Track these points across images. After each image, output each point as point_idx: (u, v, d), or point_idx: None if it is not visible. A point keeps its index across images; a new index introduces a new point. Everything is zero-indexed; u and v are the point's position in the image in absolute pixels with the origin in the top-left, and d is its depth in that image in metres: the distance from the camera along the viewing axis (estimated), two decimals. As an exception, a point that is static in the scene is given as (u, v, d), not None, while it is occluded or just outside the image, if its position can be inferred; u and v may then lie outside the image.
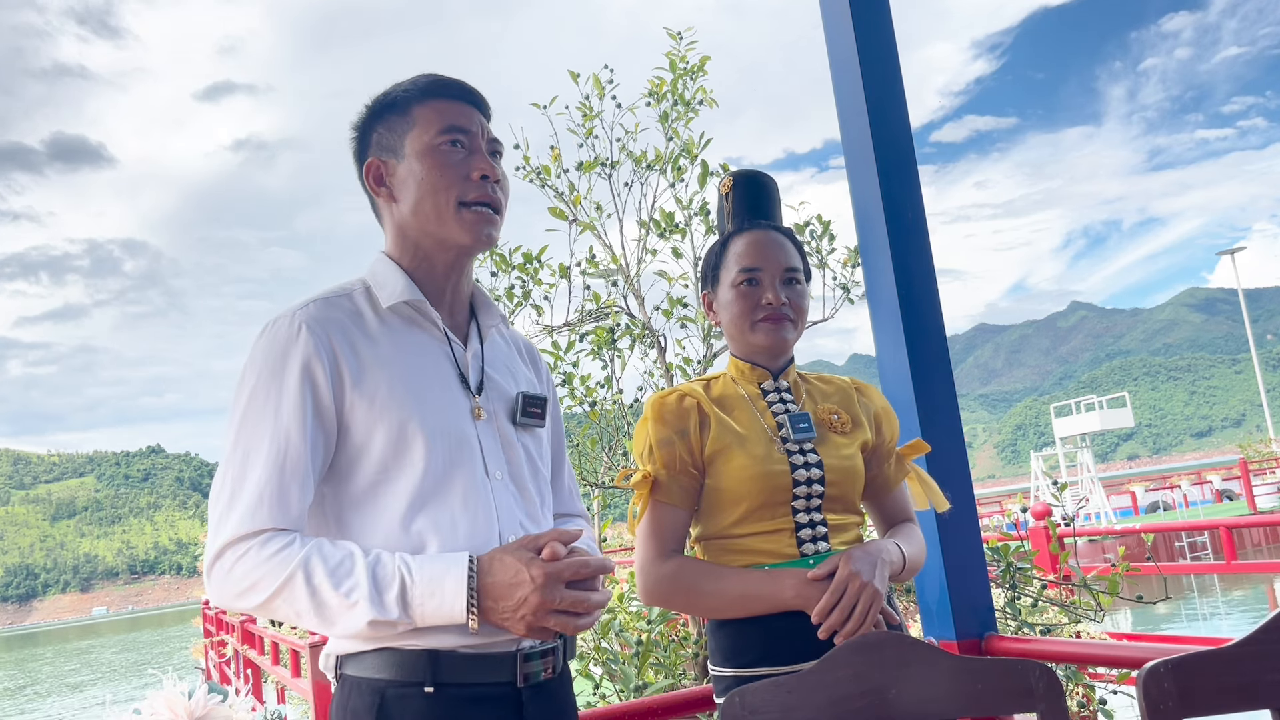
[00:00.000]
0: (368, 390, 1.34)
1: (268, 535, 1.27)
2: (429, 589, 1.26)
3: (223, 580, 1.27)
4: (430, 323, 1.44)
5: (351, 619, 1.24)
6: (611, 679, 3.64)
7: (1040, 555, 5.32)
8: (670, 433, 1.75)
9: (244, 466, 1.29)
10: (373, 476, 1.34)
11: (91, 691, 27.55)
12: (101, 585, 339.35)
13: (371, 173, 1.45)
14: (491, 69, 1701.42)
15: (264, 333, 1.36)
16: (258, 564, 1.25)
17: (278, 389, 1.31)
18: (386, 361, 1.37)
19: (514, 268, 4.13)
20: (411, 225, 1.43)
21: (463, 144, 1.42)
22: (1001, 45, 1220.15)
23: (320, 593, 1.24)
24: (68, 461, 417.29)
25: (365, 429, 1.34)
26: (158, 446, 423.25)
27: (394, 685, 1.30)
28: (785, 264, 1.80)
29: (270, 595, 1.25)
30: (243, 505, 1.27)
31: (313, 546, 1.27)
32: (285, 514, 1.28)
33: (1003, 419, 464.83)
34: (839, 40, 2.51)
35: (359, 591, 1.24)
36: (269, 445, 1.29)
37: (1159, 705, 1.25)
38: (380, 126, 1.45)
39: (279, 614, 1.27)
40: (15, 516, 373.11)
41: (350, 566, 1.26)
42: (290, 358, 1.32)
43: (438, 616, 1.26)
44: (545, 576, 1.27)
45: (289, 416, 1.30)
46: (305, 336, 1.33)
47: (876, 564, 1.67)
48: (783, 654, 1.66)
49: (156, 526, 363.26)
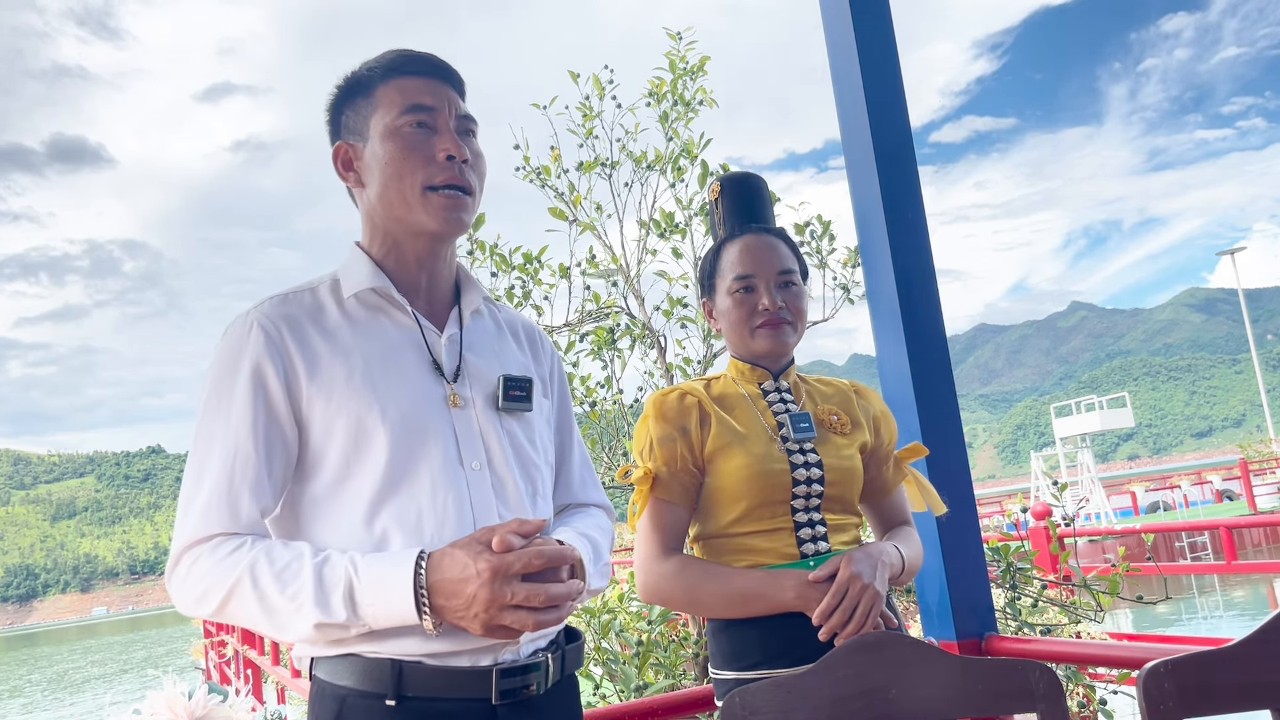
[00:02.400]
0: (324, 385, 1.30)
1: (218, 540, 1.24)
2: (375, 589, 1.19)
3: (180, 586, 1.25)
4: (398, 310, 1.38)
5: (298, 622, 1.19)
6: (611, 679, 3.63)
7: (1040, 555, 5.32)
8: (671, 430, 1.75)
9: (199, 472, 1.27)
10: (335, 473, 1.29)
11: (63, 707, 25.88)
12: (102, 585, 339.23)
13: (340, 157, 1.40)
14: (491, 69, 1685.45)
15: (223, 335, 1.33)
16: (209, 569, 1.22)
17: (229, 392, 1.29)
18: (345, 353, 1.32)
19: (514, 268, 4.13)
20: (379, 211, 1.38)
21: (428, 123, 1.35)
22: (1003, 45, 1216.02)
23: (267, 596, 1.19)
24: (68, 462, 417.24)
25: (324, 424, 1.29)
26: (158, 447, 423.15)
27: (355, 695, 1.24)
28: (779, 267, 1.80)
29: (222, 600, 1.21)
30: (196, 511, 1.25)
31: (261, 549, 1.22)
32: (235, 519, 1.25)
33: (1003, 419, 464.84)
34: (839, 40, 2.51)
35: (304, 594, 1.19)
36: (220, 450, 1.27)
37: (1159, 705, 1.25)
38: (348, 109, 1.39)
39: (236, 620, 1.23)
40: (15, 517, 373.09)
41: (297, 568, 1.20)
42: (242, 360, 1.29)
43: (389, 618, 1.19)
44: (492, 570, 1.17)
45: (239, 420, 1.27)
46: (256, 336, 1.30)
47: (877, 566, 1.67)
48: (783, 656, 1.66)
49: (156, 527, 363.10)
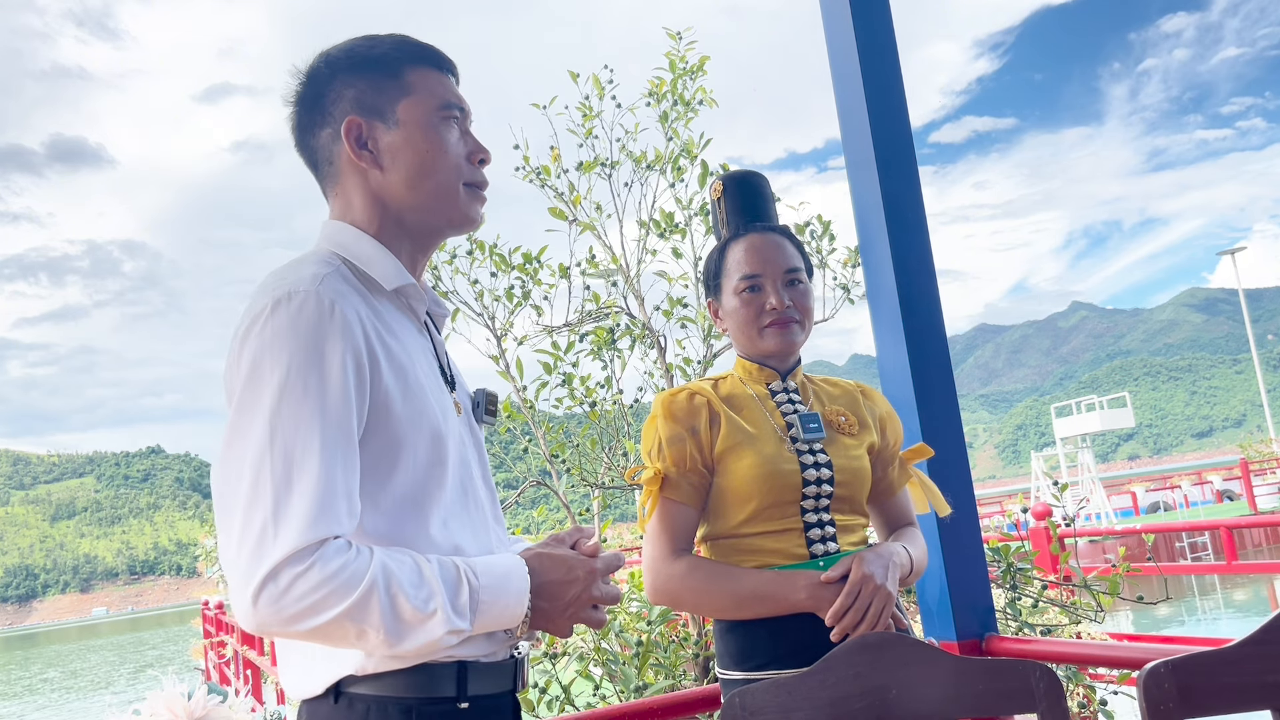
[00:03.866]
0: (398, 381, 1.21)
1: (330, 545, 1.09)
2: (494, 593, 1.18)
3: (274, 603, 1.07)
4: (413, 310, 1.34)
5: (425, 632, 1.12)
6: (611, 680, 3.63)
7: (1041, 556, 5.32)
8: (680, 430, 1.75)
9: (287, 469, 1.09)
10: (409, 478, 1.21)
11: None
12: (101, 586, 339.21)
13: (352, 132, 1.30)
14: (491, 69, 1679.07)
15: (278, 309, 1.15)
16: (323, 580, 1.07)
17: (319, 375, 1.12)
18: (404, 350, 1.25)
19: (514, 268, 4.13)
20: (402, 198, 1.30)
21: (458, 121, 1.34)
22: (1004, 44, 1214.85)
23: (397, 604, 1.10)
24: (67, 462, 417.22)
25: (403, 424, 1.20)
26: (157, 447, 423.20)
27: (425, 702, 1.19)
28: (786, 265, 1.80)
29: (338, 614, 1.08)
30: (297, 514, 1.08)
31: (380, 555, 1.12)
32: (348, 520, 1.12)
33: (1003, 419, 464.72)
34: (839, 40, 2.51)
35: (436, 599, 1.12)
36: (319, 442, 1.11)
37: (1159, 705, 1.25)
38: (359, 82, 1.31)
39: (335, 636, 1.10)
40: (15, 517, 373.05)
41: (421, 574, 1.14)
42: (327, 340, 1.14)
43: (497, 621, 1.19)
44: (591, 572, 1.24)
45: (336, 409, 1.13)
46: (339, 316, 1.15)
47: (889, 566, 1.67)
48: (792, 656, 1.65)
49: (156, 527, 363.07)
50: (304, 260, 1.24)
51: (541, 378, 4.08)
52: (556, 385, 4.10)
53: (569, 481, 4.15)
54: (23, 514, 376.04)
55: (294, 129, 1.36)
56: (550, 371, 4.08)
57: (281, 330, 1.13)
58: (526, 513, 4.54)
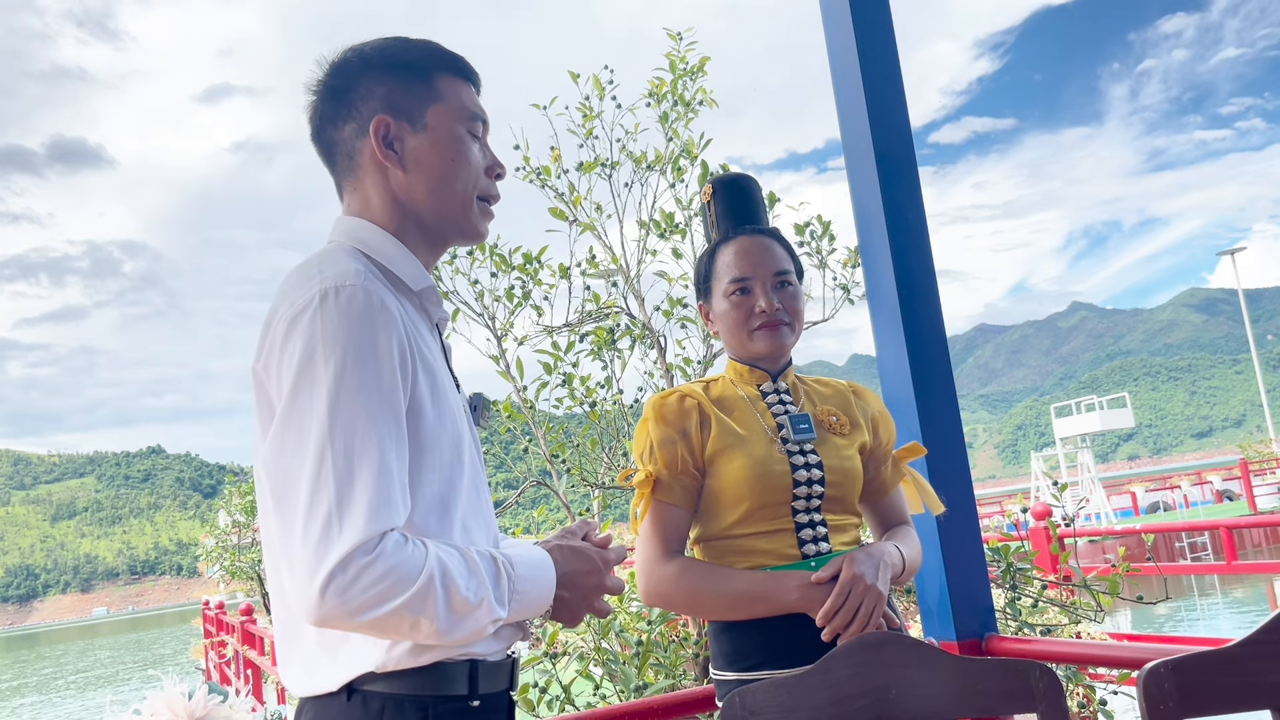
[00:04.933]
0: (430, 378, 1.23)
1: (390, 538, 1.10)
2: (529, 583, 1.23)
3: (341, 595, 1.07)
4: (427, 312, 1.35)
5: (474, 621, 1.15)
6: (611, 679, 3.63)
7: (1040, 556, 5.32)
8: (671, 432, 1.75)
9: (348, 460, 1.10)
10: (438, 475, 1.23)
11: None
12: (102, 586, 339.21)
13: (380, 132, 1.30)
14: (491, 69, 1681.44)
15: (327, 301, 1.15)
16: (386, 572, 1.08)
17: (374, 368, 1.13)
18: (431, 351, 1.27)
19: (514, 268, 4.13)
20: (423, 202, 1.32)
21: (478, 134, 1.37)
22: (1004, 44, 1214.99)
23: (452, 596, 1.12)
24: (68, 462, 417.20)
25: (435, 421, 1.22)
26: (158, 447, 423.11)
27: (442, 700, 1.20)
28: (774, 268, 1.80)
29: (398, 605, 1.09)
30: (361, 506, 1.09)
31: (434, 547, 1.14)
32: (402, 511, 1.14)
33: (1003, 419, 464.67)
34: (839, 40, 2.51)
35: (484, 589, 1.15)
36: (378, 434, 1.12)
37: (1159, 705, 1.25)
38: (391, 82, 1.32)
39: (391, 626, 1.11)
40: (15, 517, 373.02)
41: (469, 564, 1.16)
42: (380, 332, 1.15)
43: (528, 611, 1.24)
44: (607, 563, 1.31)
45: (390, 399, 1.14)
46: (386, 312, 1.17)
47: (879, 566, 1.67)
48: (785, 656, 1.66)
49: (157, 527, 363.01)
50: (334, 255, 1.24)
51: (541, 378, 4.09)
52: (556, 385, 4.10)
53: (569, 481, 4.15)
54: (23, 514, 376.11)
55: (313, 118, 1.36)
56: (550, 372, 4.08)
57: (333, 321, 1.13)
58: (527, 513, 4.54)
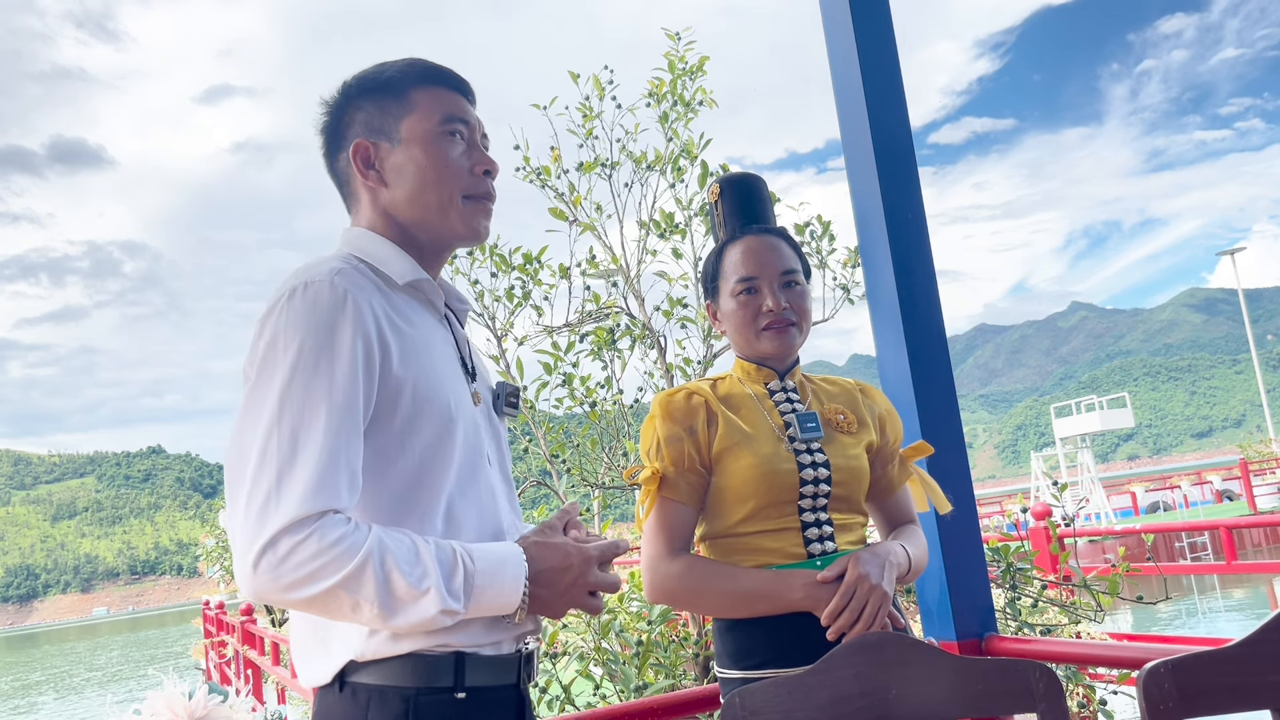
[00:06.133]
0: (411, 369, 1.27)
1: (329, 518, 1.14)
2: (490, 577, 1.22)
3: (273, 570, 1.12)
4: (434, 305, 1.41)
5: (418, 609, 1.16)
6: (612, 679, 3.63)
7: (1040, 556, 5.32)
8: (678, 430, 1.75)
9: (293, 443, 1.15)
10: (415, 459, 1.26)
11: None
12: (102, 586, 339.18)
13: (360, 154, 1.37)
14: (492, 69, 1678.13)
15: (296, 296, 1.22)
16: (320, 550, 1.12)
17: (329, 357, 1.18)
18: (421, 340, 1.31)
19: (514, 268, 4.13)
20: (407, 213, 1.37)
21: (462, 135, 1.39)
22: (1005, 44, 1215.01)
23: (391, 581, 1.14)
24: (68, 462, 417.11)
25: (411, 408, 1.26)
26: (158, 447, 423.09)
27: (424, 692, 1.22)
28: (782, 268, 1.80)
29: (333, 585, 1.12)
30: (299, 486, 1.13)
31: (378, 532, 1.17)
32: (348, 494, 1.17)
33: (1003, 419, 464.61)
34: (839, 40, 2.51)
35: (430, 579, 1.16)
36: (325, 419, 1.16)
37: (1159, 705, 1.25)
38: (369, 106, 1.38)
39: (331, 607, 1.15)
40: (16, 517, 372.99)
41: (417, 553, 1.18)
42: (339, 327, 1.20)
43: (492, 606, 1.23)
44: (586, 560, 1.28)
45: (344, 390, 1.18)
46: (352, 306, 1.22)
47: (885, 566, 1.67)
48: (790, 656, 1.65)
49: (157, 527, 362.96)
50: (320, 259, 1.30)
51: (541, 378, 4.09)
52: (556, 385, 4.10)
53: (569, 481, 4.15)
54: (24, 514, 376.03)
55: (322, 156, 1.44)
56: (550, 372, 4.08)
57: (297, 315, 1.20)
58: (527, 513, 4.53)
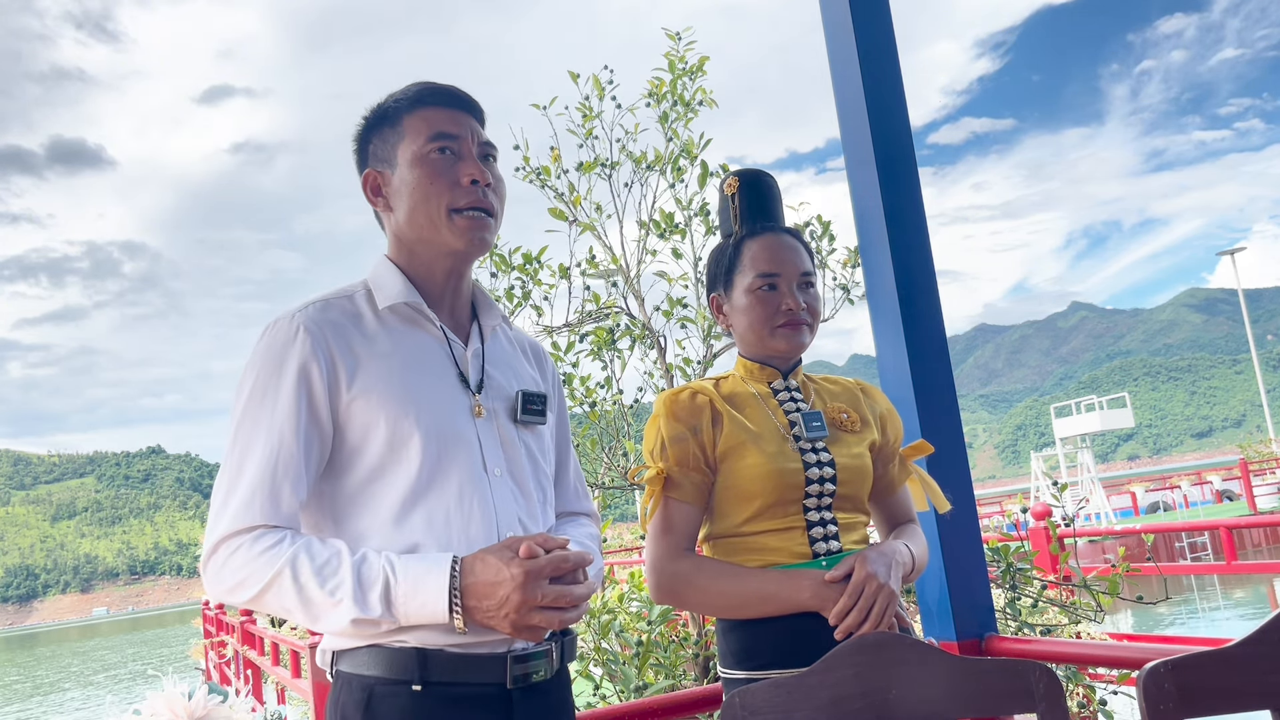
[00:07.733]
0: (364, 389, 1.38)
1: (259, 532, 1.30)
2: (412, 589, 1.28)
3: (216, 574, 1.31)
4: (429, 322, 1.47)
5: (335, 616, 1.27)
6: (612, 679, 3.63)
7: (1040, 556, 5.32)
8: (683, 429, 1.75)
9: (240, 464, 1.33)
10: (368, 473, 1.37)
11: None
12: (102, 586, 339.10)
13: (369, 184, 1.49)
14: (492, 70, 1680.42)
15: (264, 334, 1.40)
16: (248, 560, 1.28)
17: (275, 390, 1.35)
18: (384, 360, 1.40)
19: (514, 268, 4.13)
20: (408, 233, 1.46)
21: (452, 150, 1.44)
22: (1005, 44, 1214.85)
23: (306, 590, 1.27)
24: (68, 462, 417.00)
25: (362, 425, 1.37)
26: (158, 447, 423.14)
27: (383, 683, 1.32)
28: (802, 268, 1.81)
29: (259, 590, 1.28)
30: (237, 501, 1.31)
31: (301, 544, 1.30)
32: (276, 511, 1.32)
33: (1003, 419, 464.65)
34: (839, 40, 2.51)
35: (343, 590, 1.27)
36: (263, 444, 1.33)
37: (1159, 705, 1.25)
38: (375, 138, 1.49)
39: (269, 608, 1.30)
40: (15, 517, 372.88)
41: (336, 565, 1.29)
42: (288, 360, 1.36)
43: (421, 616, 1.29)
44: (525, 574, 1.29)
45: (284, 417, 1.34)
46: (303, 338, 1.37)
47: (891, 566, 1.67)
48: (795, 656, 1.65)
49: (157, 527, 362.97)
50: (333, 289, 1.48)
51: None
52: (557, 385, 4.09)
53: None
54: (23, 514, 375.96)
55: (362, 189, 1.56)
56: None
57: (258, 351, 1.39)
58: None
